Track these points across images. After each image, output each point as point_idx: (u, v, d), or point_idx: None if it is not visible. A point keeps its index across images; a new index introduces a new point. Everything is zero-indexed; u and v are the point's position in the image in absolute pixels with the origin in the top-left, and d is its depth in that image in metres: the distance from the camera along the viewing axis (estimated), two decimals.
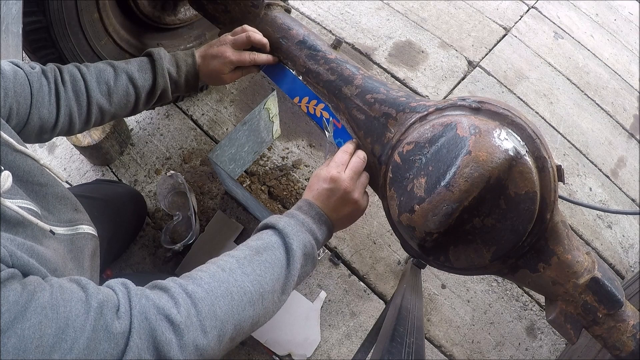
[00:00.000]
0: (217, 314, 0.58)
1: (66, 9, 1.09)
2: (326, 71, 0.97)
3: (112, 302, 0.53)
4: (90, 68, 0.90)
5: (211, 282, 0.60)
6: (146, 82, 0.94)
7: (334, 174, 0.83)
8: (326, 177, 0.83)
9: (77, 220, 0.80)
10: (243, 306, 0.61)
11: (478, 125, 0.73)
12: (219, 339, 0.58)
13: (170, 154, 1.64)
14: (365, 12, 2.11)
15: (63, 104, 0.83)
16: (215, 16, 1.14)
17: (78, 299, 0.51)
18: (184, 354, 0.54)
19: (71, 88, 0.85)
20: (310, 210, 0.80)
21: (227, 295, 0.59)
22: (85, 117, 0.89)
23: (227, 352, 0.62)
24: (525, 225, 0.74)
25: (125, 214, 1.28)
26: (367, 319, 1.42)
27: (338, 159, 0.86)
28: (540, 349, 1.43)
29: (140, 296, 0.55)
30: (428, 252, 0.81)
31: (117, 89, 0.91)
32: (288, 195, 1.57)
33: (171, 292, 0.57)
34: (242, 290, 0.61)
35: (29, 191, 0.69)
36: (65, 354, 0.47)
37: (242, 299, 0.61)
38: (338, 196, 0.82)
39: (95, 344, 0.49)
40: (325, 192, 0.82)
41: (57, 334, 0.47)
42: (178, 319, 0.54)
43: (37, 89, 0.80)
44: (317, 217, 0.80)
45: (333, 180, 0.83)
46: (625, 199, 1.77)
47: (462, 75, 1.96)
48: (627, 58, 2.20)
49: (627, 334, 0.78)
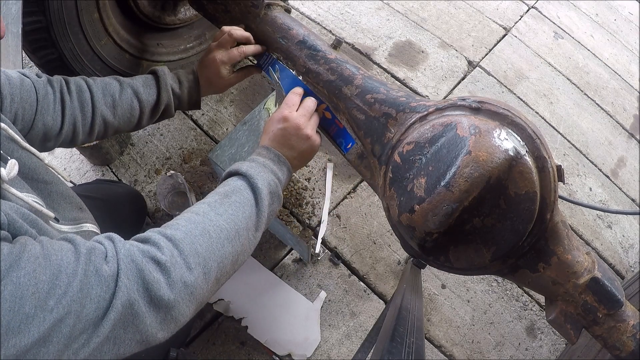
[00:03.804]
0: (199, 251, 0.60)
1: (66, 9, 1.09)
2: (326, 71, 0.97)
3: (99, 249, 0.55)
4: (96, 81, 0.92)
5: (188, 225, 0.62)
6: (150, 97, 0.97)
7: (285, 114, 0.88)
8: (279, 118, 0.88)
9: (81, 218, 0.81)
10: (222, 243, 0.64)
11: (478, 125, 0.73)
12: (205, 276, 0.60)
13: (170, 154, 1.64)
14: (365, 12, 2.11)
15: (68, 112, 0.86)
16: (215, 16, 1.14)
17: (68, 249, 0.53)
18: (174, 291, 0.56)
19: (77, 97, 0.88)
20: (269, 153, 0.84)
21: (205, 234, 0.62)
22: (89, 128, 0.91)
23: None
24: (525, 225, 0.74)
25: (125, 214, 1.28)
26: (367, 319, 1.42)
27: (289, 101, 0.91)
28: (540, 349, 1.43)
29: (124, 243, 0.58)
30: (428, 252, 0.81)
31: (122, 102, 0.93)
32: (288, 195, 1.57)
33: (152, 239, 0.59)
34: (219, 229, 0.64)
35: (34, 188, 0.71)
36: (60, 298, 0.48)
37: (220, 235, 0.64)
38: (291, 133, 0.87)
39: (87, 288, 0.50)
40: (280, 132, 0.87)
41: (51, 280, 0.48)
42: (163, 258, 0.56)
43: (42, 95, 0.82)
44: (276, 159, 0.84)
45: (285, 119, 0.87)
46: (625, 199, 1.77)
47: (462, 75, 1.96)
48: (627, 58, 2.20)
49: (627, 334, 0.78)
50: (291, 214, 1.55)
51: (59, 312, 0.48)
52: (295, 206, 1.56)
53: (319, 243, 1.48)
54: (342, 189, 1.62)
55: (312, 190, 1.60)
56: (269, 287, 1.42)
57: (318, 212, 1.56)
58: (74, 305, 0.49)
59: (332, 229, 1.54)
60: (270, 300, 1.40)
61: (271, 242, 1.50)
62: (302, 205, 1.57)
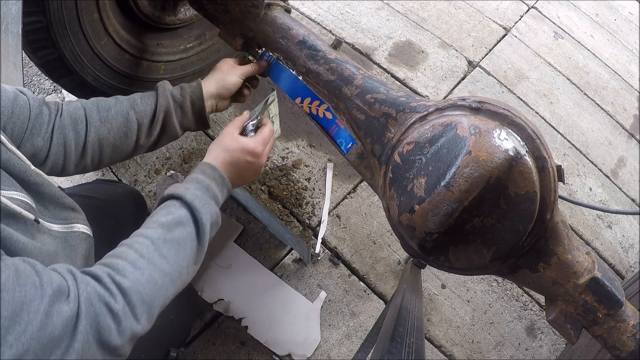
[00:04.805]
0: (145, 299, 0.64)
1: (66, 9, 1.09)
2: (326, 71, 0.97)
3: (63, 287, 0.57)
4: (92, 99, 0.90)
5: (134, 272, 0.65)
6: (148, 106, 0.92)
7: (259, 150, 0.89)
8: (253, 151, 0.88)
9: (72, 218, 0.81)
10: (166, 287, 0.68)
11: (478, 125, 0.73)
12: (149, 319, 0.65)
13: (170, 154, 1.64)
14: (365, 12, 2.10)
15: (57, 131, 0.82)
16: (215, 16, 1.14)
17: (32, 283, 0.54)
18: (122, 338, 0.60)
19: (68, 116, 0.85)
20: (214, 173, 0.84)
21: (150, 281, 0.65)
22: (82, 149, 0.86)
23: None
24: (525, 225, 0.74)
25: (125, 214, 1.28)
26: (367, 319, 1.42)
27: (266, 136, 0.92)
28: (540, 349, 1.43)
29: (85, 283, 0.60)
30: (428, 252, 0.81)
31: (117, 114, 0.89)
32: (288, 195, 1.57)
33: (103, 282, 0.62)
34: (163, 274, 0.68)
35: (25, 187, 0.71)
36: (19, 335, 0.50)
37: (164, 281, 0.67)
38: (252, 169, 0.89)
39: (48, 328, 0.52)
40: (244, 164, 0.88)
41: (12, 317, 0.50)
42: (116, 307, 0.60)
43: (35, 114, 0.80)
44: (220, 180, 0.84)
45: (256, 155, 0.88)
46: (625, 199, 1.77)
47: (462, 75, 1.96)
48: (627, 58, 2.20)
49: (627, 334, 0.78)
50: (291, 214, 1.55)
51: (18, 348, 0.49)
52: (295, 206, 1.56)
53: (319, 243, 1.48)
54: (342, 189, 1.62)
55: (312, 190, 1.60)
56: (269, 287, 1.42)
57: (318, 212, 1.56)
58: (33, 343, 0.50)
59: (332, 229, 1.54)
60: (270, 300, 1.40)
61: (271, 242, 1.50)
62: (302, 205, 1.57)
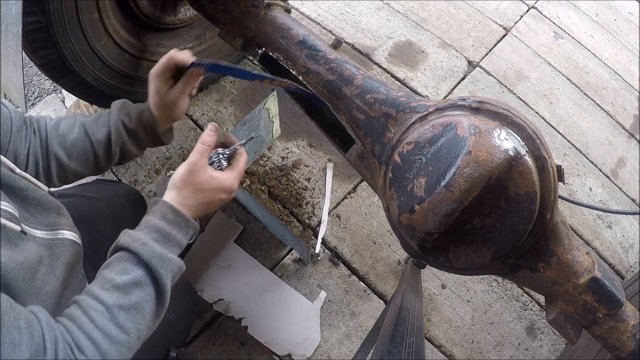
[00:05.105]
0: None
1: (66, 9, 1.09)
2: (326, 71, 0.97)
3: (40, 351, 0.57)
4: (54, 120, 0.88)
5: (90, 347, 0.64)
6: (101, 136, 0.89)
7: (236, 187, 0.83)
8: (230, 189, 0.82)
9: (58, 224, 0.78)
10: (124, 355, 0.67)
11: (478, 125, 0.73)
12: None
13: (170, 154, 1.64)
14: (365, 12, 2.10)
15: (31, 149, 0.83)
16: (215, 16, 1.14)
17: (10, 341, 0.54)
18: None
19: (38, 134, 0.85)
20: (177, 218, 0.76)
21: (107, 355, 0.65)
22: (47, 169, 0.86)
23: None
24: (525, 225, 0.74)
25: (125, 214, 1.28)
26: (367, 319, 1.42)
27: (243, 168, 0.85)
28: (540, 349, 1.43)
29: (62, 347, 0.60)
30: (428, 252, 0.81)
31: (76, 142, 0.87)
32: (288, 195, 1.57)
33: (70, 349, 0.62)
34: (119, 345, 0.66)
35: (9, 193, 0.69)
36: None
37: (121, 352, 0.66)
38: (223, 203, 0.83)
39: None
40: (218, 202, 0.81)
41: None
42: None
43: (17, 127, 0.80)
44: (184, 224, 0.77)
45: (232, 192, 0.82)
46: (625, 199, 1.77)
47: (462, 75, 1.96)
48: (627, 58, 2.20)
49: (627, 334, 0.78)
50: (291, 214, 1.55)
51: None
52: (295, 206, 1.56)
53: (319, 243, 1.48)
54: (342, 189, 1.62)
55: (312, 190, 1.60)
56: (269, 287, 1.42)
57: (318, 212, 1.56)
58: None
59: (332, 229, 1.54)
60: (270, 300, 1.40)
61: (271, 242, 1.50)
62: (302, 205, 1.57)
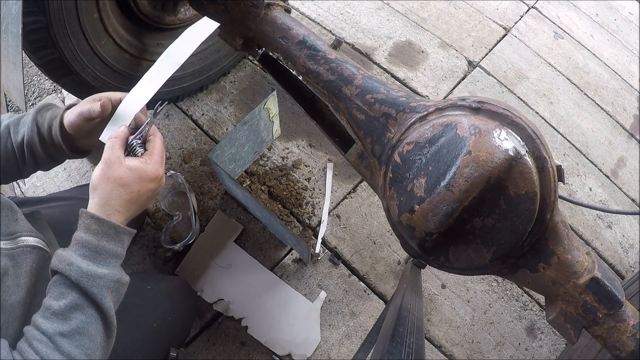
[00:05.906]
0: None
1: (66, 9, 1.09)
2: (326, 71, 0.97)
3: None
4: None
5: None
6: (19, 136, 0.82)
7: (160, 173, 0.76)
8: (155, 176, 0.75)
9: (17, 231, 0.75)
10: None
11: (478, 125, 0.73)
12: None
13: (170, 154, 1.64)
14: (365, 12, 2.10)
15: None
16: (215, 16, 1.14)
17: None
18: None
19: None
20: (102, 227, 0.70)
21: None
22: None
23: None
24: (525, 225, 0.74)
25: None
26: (367, 319, 1.42)
27: (161, 150, 0.78)
28: (540, 349, 1.43)
29: None
30: (428, 252, 0.81)
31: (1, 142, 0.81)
32: (288, 195, 1.57)
33: None
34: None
35: None
36: None
37: None
38: (154, 194, 0.78)
39: None
40: (146, 194, 0.75)
41: None
42: None
43: None
44: (114, 232, 0.71)
45: (159, 179, 0.77)
46: (625, 199, 1.77)
47: (462, 75, 1.96)
48: (627, 58, 2.20)
49: (627, 334, 0.78)
50: (291, 214, 1.55)
51: None
52: (295, 206, 1.56)
53: (319, 243, 1.48)
54: (342, 189, 1.62)
55: (312, 190, 1.60)
56: (269, 287, 1.42)
57: (318, 212, 1.56)
58: None
59: (332, 229, 1.54)
60: (270, 300, 1.40)
61: (271, 242, 1.50)
62: (302, 205, 1.57)
